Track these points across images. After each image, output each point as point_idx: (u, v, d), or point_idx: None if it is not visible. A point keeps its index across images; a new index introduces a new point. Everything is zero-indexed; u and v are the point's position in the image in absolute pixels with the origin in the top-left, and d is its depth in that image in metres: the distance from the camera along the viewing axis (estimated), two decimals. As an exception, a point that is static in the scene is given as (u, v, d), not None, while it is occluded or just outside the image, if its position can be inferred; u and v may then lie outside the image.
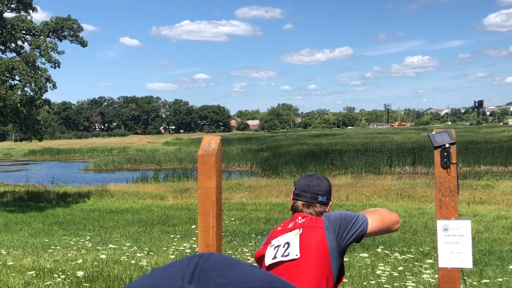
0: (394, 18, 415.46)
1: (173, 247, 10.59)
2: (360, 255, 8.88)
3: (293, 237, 2.73)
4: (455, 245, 2.77)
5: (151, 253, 10.08)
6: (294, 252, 2.67)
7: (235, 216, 17.02)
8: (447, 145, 2.75)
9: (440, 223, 2.79)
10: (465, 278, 8.00)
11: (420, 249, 9.93)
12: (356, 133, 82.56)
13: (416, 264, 8.25)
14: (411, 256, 8.97)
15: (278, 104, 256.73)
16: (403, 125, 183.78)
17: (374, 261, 8.54)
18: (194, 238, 11.30)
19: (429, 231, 12.95)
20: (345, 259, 8.57)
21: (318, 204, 2.89)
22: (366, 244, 10.79)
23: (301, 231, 2.74)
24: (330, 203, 2.97)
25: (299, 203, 2.92)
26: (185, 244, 10.72)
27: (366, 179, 31.89)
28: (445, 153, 2.76)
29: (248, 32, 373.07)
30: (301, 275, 2.64)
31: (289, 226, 2.82)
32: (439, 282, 2.75)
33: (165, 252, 10.09)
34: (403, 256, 8.70)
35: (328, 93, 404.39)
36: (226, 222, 15.34)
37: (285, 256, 2.69)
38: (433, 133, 2.83)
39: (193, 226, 14.36)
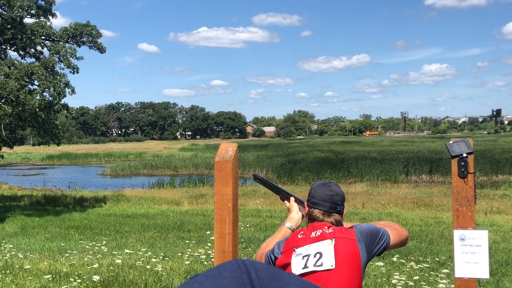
0: (412, 25, 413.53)
1: (188, 253, 10.61)
2: (376, 263, 8.83)
3: (326, 246, 2.73)
4: (472, 255, 2.76)
5: (166, 258, 10.12)
6: (329, 263, 2.67)
7: (250, 222, 17.02)
8: (464, 155, 2.74)
9: (457, 233, 2.77)
10: (482, 288, 7.94)
11: (436, 258, 9.85)
12: (379, 141, 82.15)
13: (432, 274, 8.19)
14: (427, 265, 8.90)
15: (294, 111, 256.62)
16: (374, 134, 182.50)
17: (389, 270, 8.48)
18: (209, 244, 11.32)
19: (446, 241, 12.85)
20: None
21: (336, 214, 2.91)
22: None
23: (333, 241, 2.74)
24: (345, 211, 2.99)
25: (317, 211, 2.91)
26: (200, 250, 10.74)
27: (382, 187, 31.74)
28: (463, 163, 2.74)
29: (266, 39, 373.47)
30: (336, 285, 2.65)
31: (314, 235, 2.81)
32: (456, 292, 2.73)
33: (180, 258, 10.11)
34: (419, 266, 8.64)
35: (344, 100, 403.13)
36: (242, 228, 15.34)
37: (318, 266, 2.68)
38: (451, 142, 2.82)
39: (208, 232, 14.38)
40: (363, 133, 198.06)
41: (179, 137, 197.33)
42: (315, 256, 2.71)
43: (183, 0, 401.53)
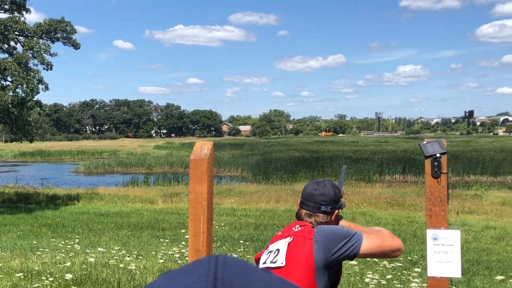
0: (387, 26, 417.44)
1: (162, 252, 10.56)
2: (349, 263, 8.89)
3: (283, 244, 2.71)
4: (444, 254, 2.79)
5: (140, 257, 10.05)
6: (280, 260, 2.65)
7: (225, 221, 17.00)
8: (438, 155, 2.77)
9: (430, 233, 2.80)
10: (453, 287, 8.05)
11: (409, 257, 9.96)
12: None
13: (404, 273, 8.27)
14: (400, 264, 9.00)
15: (270, 110, 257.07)
16: (329, 135, 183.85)
17: (363, 269, 8.55)
18: (183, 243, 11.28)
19: (418, 240, 13.00)
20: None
21: (320, 214, 2.84)
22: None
23: (291, 239, 2.70)
24: (336, 212, 2.91)
25: (303, 211, 2.90)
26: (174, 249, 10.69)
27: (356, 186, 31.98)
28: (436, 163, 2.78)
29: (242, 38, 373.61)
30: None
31: (287, 233, 2.81)
32: (428, 291, 2.76)
33: (154, 257, 10.06)
34: (391, 265, 8.73)
35: (320, 100, 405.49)
36: (216, 227, 15.32)
37: (273, 263, 2.67)
38: (424, 142, 2.85)
39: (183, 231, 14.33)
40: (319, 134, 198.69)
41: (154, 135, 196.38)
42: (274, 252, 2.71)
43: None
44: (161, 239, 12.86)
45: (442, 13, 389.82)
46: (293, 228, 2.79)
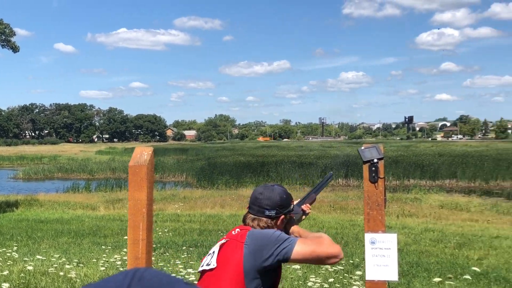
0: (331, 34, 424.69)
1: (104, 259, 10.35)
2: (293, 266, 8.96)
3: (217, 247, 2.71)
4: (382, 258, 2.85)
5: (81, 264, 9.82)
6: (213, 262, 2.64)
7: (169, 227, 16.82)
8: (375, 160, 2.84)
9: (368, 236, 2.86)
10: (393, 289, 8.22)
11: (351, 261, 10.11)
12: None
13: (346, 276, 8.39)
14: (342, 267, 9.12)
15: (216, 115, 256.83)
16: (267, 140, 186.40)
17: (306, 272, 8.63)
18: (125, 250, 11.09)
19: (360, 243, 13.23)
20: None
21: (264, 218, 2.81)
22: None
23: (225, 242, 2.70)
24: (282, 217, 2.87)
25: (248, 215, 2.88)
26: (116, 256, 10.50)
27: (300, 191, 32.26)
28: (373, 168, 2.84)
29: (187, 42, 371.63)
30: (213, 285, 2.59)
31: (227, 236, 2.80)
32: (366, 294, 2.81)
33: (95, 264, 9.84)
34: (334, 268, 8.84)
35: (265, 105, 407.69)
36: (160, 233, 15.14)
37: (208, 265, 2.67)
38: (362, 148, 2.91)
39: (125, 237, 14.10)
40: (258, 138, 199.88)
41: (96, 140, 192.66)
42: (211, 254, 2.72)
43: (102, 0, 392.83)
44: (102, 246, 12.61)
45: (383, 21, 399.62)
46: (233, 232, 2.78)
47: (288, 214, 2.94)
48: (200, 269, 2.74)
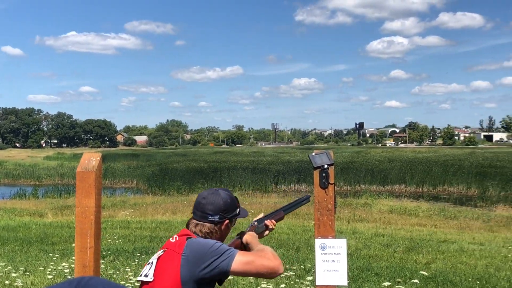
0: (283, 40, 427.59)
1: (51, 267, 10.09)
2: (244, 273, 8.95)
3: (155, 258, 2.64)
4: (331, 263, 2.87)
5: (27, 273, 9.55)
6: (150, 275, 2.56)
7: (119, 234, 16.56)
8: (325, 166, 2.86)
9: (318, 242, 2.88)
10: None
11: (302, 266, 10.17)
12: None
13: (297, 281, 8.44)
14: (293, 273, 9.16)
15: (167, 120, 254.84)
16: (211, 146, 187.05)
17: (257, 278, 8.64)
18: (73, 258, 10.83)
19: (312, 248, 13.33)
20: (229, 277, 8.59)
21: (207, 224, 2.76)
22: (250, 262, 10.89)
23: (162, 253, 2.61)
24: (226, 222, 2.82)
25: (192, 221, 2.82)
26: (64, 264, 10.26)
27: (253, 196, 32.36)
28: (324, 174, 2.86)
29: (138, 46, 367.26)
30: None
31: (166, 244, 2.73)
32: (317, 299, 2.83)
33: (43, 272, 9.59)
34: (285, 274, 8.87)
35: (218, 111, 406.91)
36: (109, 240, 14.89)
37: (146, 276, 2.59)
38: (313, 154, 2.93)
39: (73, 245, 13.78)
40: (210, 144, 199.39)
41: (44, 145, 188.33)
42: (149, 265, 2.63)
43: (50, 2, 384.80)
44: (50, 254, 12.30)
45: (335, 29, 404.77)
46: (171, 239, 2.71)
47: (234, 218, 2.89)
48: (139, 278, 2.64)
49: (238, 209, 2.94)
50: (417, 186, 39.17)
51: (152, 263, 2.63)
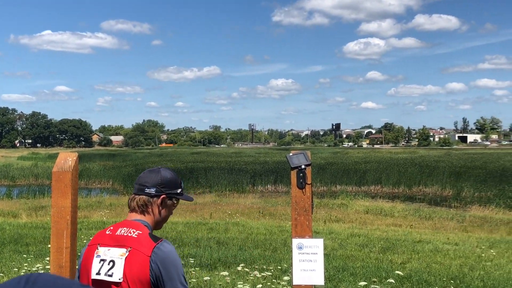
0: (261, 41, 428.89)
1: (25, 268, 9.97)
2: (221, 273, 8.94)
3: (119, 257, 2.55)
4: (308, 263, 2.89)
5: (1, 274, 9.43)
6: (117, 276, 2.51)
7: (94, 235, 16.42)
8: (303, 166, 2.88)
9: (295, 242, 2.89)
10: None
11: (279, 267, 10.19)
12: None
13: (274, 282, 8.45)
14: (270, 273, 9.18)
15: (144, 120, 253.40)
16: (168, 146, 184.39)
17: (234, 279, 8.63)
18: (48, 258, 10.72)
19: (288, 248, 13.36)
20: (205, 278, 8.56)
21: (144, 196, 2.72)
22: (227, 262, 10.89)
23: (127, 253, 2.53)
24: (163, 196, 2.73)
25: (131, 196, 2.80)
26: (38, 265, 10.14)
27: (230, 197, 32.32)
28: (301, 174, 2.88)
29: (115, 46, 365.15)
30: None
31: (119, 233, 2.62)
32: (294, 299, 2.84)
33: (17, 273, 9.47)
34: (262, 274, 8.88)
35: (195, 111, 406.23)
36: (84, 241, 14.73)
37: (109, 276, 2.52)
38: (290, 154, 2.94)
39: (48, 246, 13.61)
40: (160, 145, 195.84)
41: (18, 145, 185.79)
42: (109, 263, 2.55)
43: (25, 1, 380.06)
44: (24, 255, 12.14)
45: (312, 30, 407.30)
46: (129, 233, 2.61)
47: (174, 197, 2.80)
48: (97, 277, 2.54)
49: (179, 189, 2.85)
50: (392, 187, 39.51)
51: (113, 262, 2.54)
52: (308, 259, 2.87)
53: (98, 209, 23.96)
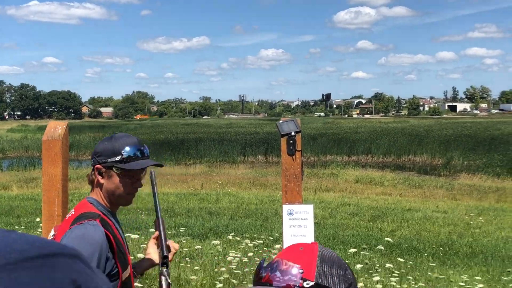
0: (250, 10, 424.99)
1: (17, 240, 10.00)
2: (212, 242, 9.01)
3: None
4: (299, 228, 2.92)
5: (-8, 246, 9.45)
6: None
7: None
8: (293, 133, 2.88)
9: (285, 208, 2.91)
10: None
11: (270, 236, 10.29)
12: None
13: (265, 250, 8.54)
14: (261, 242, 9.27)
15: (134, 91, 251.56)
16: (144, 117, 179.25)
17: (225, 248, 8.71)
18: (39, 230, 10.75)
19: (279, 218, 13.45)
20: (197, 247, 8.63)
21: (91, 168, 2.44)
22: (219, 232, 10.98)
23: (53, 236, 2.33)
24: (97, 166, 2.37)
25: None
26: (30, 236, 10.17)
27: (221, 168, 32.38)
28: (291, 141, 2.88)
29: (103, 16, 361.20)
30: None
31: (66, 217, 2.41)
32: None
33: (8, 245, 9.49)
34: (253, 242, 8.97)
35: (185, 82, 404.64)
36: (76, 212, 14.78)
37: None
38: (281, 121, 2.95)
39: (38, 219, 13.66)
40: (135, 117, 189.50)
41: (7, 117, 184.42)
42: None
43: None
44: (16, 227, 12.17)
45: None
46: (71, 213, 2.43)
47: (114, 167, 2.37)
48: None
49: (118, 157, 2.37)
50: (382, 156, 39.69)
51: None
52: (298, 224, 2.90)
53: (89, 180, 23.95)
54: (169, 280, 2.46)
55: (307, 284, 1.17)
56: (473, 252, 9.96)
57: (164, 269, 2.48)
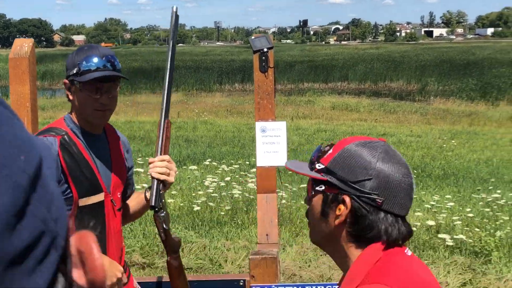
0: None
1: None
2: (190, 168, 9.08)
3: None
4: (271, 145, 2.93)
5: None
6: None
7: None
8: (265, 49, 2.85)
9: (258, 125, 2.92)
10: (281, 175, 8.56)
11: (247, 162, 10.38)
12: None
13: (242, 174, 8.64)
14: (237, 166, 9.36)
15: (106, 18, 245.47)
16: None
17: (203, 173, 8.79)
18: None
19: (256, 144, 13.56)
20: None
21: None
22: (196, 159, 11.04)
23: None
24: (65, 81, 2.27)
25: None
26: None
27: (197, 96, 32.23)
28: (264, 57, 2.85)
29: None
30: None
31: None
32: (257, 180, 2.92)
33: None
34: (230, 168, 9.06)
35: (159, 9, 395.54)
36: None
37: None
38: (253, 37, 2.91)
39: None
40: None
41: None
42: None
43: None
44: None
45: None
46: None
47: (76, 81, 2.19)
48: None
49: (75, 69, 2.18)
50: (359, 83, 39.73)
51: None
52: (271, 141, 2.91)
53: (64, 109, 23.67)
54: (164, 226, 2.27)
55: (319, 166, 1.34)
56: (445, 174, 10.21)
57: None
